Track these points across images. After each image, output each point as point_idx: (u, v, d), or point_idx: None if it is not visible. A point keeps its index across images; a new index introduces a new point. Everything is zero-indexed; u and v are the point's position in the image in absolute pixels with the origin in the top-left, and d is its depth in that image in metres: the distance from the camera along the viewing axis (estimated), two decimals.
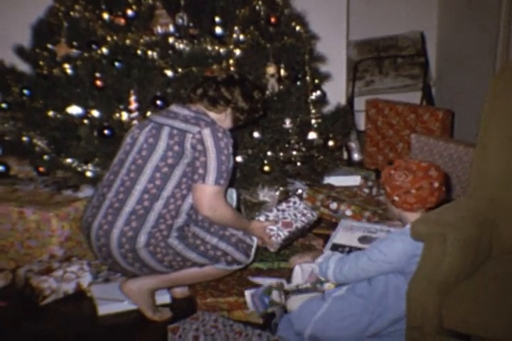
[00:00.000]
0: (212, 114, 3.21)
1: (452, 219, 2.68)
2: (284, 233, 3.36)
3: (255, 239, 3.30)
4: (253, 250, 3.26)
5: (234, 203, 3.51)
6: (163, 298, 3.46)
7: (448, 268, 2.57)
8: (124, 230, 3.00)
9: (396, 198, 2.91)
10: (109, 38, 4.01)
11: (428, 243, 2.61)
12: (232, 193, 3.53)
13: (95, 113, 4.01)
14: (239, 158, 4.00)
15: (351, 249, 3.39)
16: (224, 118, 3.24)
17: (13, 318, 3.38)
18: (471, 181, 3.11)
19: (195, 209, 3.08)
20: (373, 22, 6.49)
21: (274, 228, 3.36)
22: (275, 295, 3.14)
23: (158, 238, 3.02)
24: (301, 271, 3.21)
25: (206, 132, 3.00)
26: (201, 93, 3.25)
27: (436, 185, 2.87)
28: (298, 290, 3.11)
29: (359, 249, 3.33)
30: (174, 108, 3.23)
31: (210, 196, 3.01)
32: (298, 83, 4.36)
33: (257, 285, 3.35)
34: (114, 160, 3.25)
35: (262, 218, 3.39)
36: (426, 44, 6.61)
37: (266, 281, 3.37)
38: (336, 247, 3.43)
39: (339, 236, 3.51)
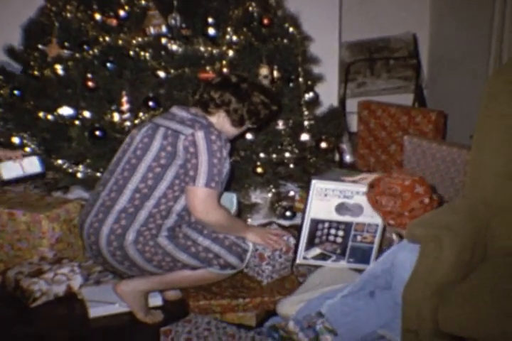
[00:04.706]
0: (210, 118, 3.19)
1: (448, 221, 2.66)
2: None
3: (251, 244, 3.27)
4: (248, 254, 3.23)
5: (234, 207, 3.49)
6: (156, 300, 3.44)
7: (443, 271, 2.56)
8: (114, 228, 3.00)
9: (391, 222, 2.90)
10: (101, 39, 4.01)
11: (423, 245, 2.60)
12: (233, 197, 3.51)
13: (87, 114, 4.00)
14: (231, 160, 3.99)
15: (331, 225, 3.34)
16: (221, 122, 3.22)
17: (3, 320, 3.35)
18: (466, 183, 3.10)
19: (189, 211, 3.07)
20: (366, 23, 6.51)
21: (285, 237, 3.42)
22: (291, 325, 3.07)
23: (147, 236, 3.01)
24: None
25: (199, 134, 2.98)
26: (196, 97, 3.26)
27: (426, 200, 2.86)
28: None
29: (339, 222, 3.32)
30: (175, 109, 3.22)
31: (201, 198, 2.99)
32: (291, 84, 4.35)
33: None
34: (113, 160, 3.26)
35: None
36: (418, 46, 6.61)
37: None
38: (315, 223, 3.35)
39: (314, 208, 3.34)
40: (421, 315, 2.58)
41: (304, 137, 4.31)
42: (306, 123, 4.32)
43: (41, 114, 4.09)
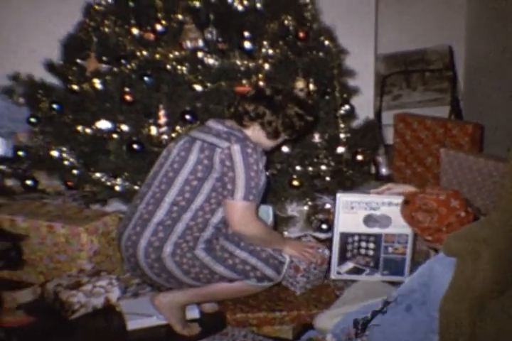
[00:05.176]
0: (246, 131, 3.21)
1: (485, 234, 2.64)
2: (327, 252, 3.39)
3: (287, 256, 3.27)
4: (285, 267, 3.23)
5: (270, 220, 3.50)
6: (193, 312, 3.43)
7: (481, 285, 2.53)
8: (151, 240, 3.02)
9: (429, 238, 2.89)
10: (138, 53, 4.04)
11: (461, 258, 2.58)
12: (269, 210, 3.52)
13: (124, 127, 4.03)
14: (268, 173, 4.00)
15: (361, 237, 3.38)
16: (256, 135, 3.22)
17: (43, 333, 3.36)
18: (503, 196, 3.06)
19: (227, 223, 3.08)
20: (401, 36, 6.48)
21: (320, 249, 3.42)
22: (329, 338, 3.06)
23: (184, 249, 3.03)
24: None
25: (235, 148, 3.00)
26: (231, 110, 3.28)
27: (462, 214, 2.85)
28: None
29: (368, 235, 3.36)
30: (211, 123, 3.24)
31: (239, 212, 3.00)
32: (326, 97, 4.34)
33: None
34: (150, 173, 3.28)
35: None
36: (454, 57, 6.58)
37: None
38: (344, 237, 3.40)
39: (342, 221, 3.40)
40: (459, 329, 2.55)
41: (340, 150, 4.31)
42: (342, 135, 4.32)
43: (80, 128, 4.13)
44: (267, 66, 4.05)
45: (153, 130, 3.98)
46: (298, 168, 4.18)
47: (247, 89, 3.87)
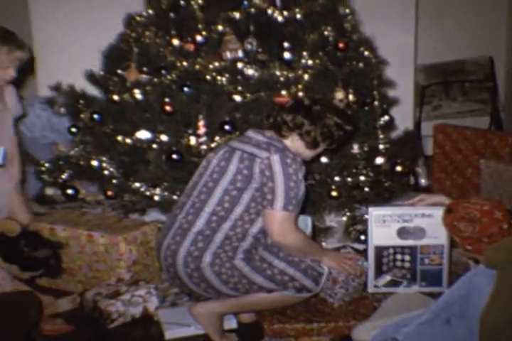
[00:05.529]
0: (285, 141, 3.20)
1: None
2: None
3: (326, 267, 3.25)
4: (323, 278, 3.21)
5: (308, 230, 3.49)
6: (230, 322, 3.43)
7: None
8: (190, 250, 3.03)
9: (469, 247, 2.86)
10: (178, 64, 4.06)
11: (502, 271, 2.55)
12: (307, 220, 3.52)
13: (164, 137, 4.05)
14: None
15: (395, 250, 3.38)
16: (295, 145, 3.22)
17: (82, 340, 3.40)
18: None
19: (266, 233, 3.08)
20: (441, 46, 6.45)
21: (359, 261, 3.42)
22: None
23: (224, 259, 3.03)
24: None
25: (275, 158, 3.00)
26: (270, 120, 3.28)
27: (505, 226, 2.82)
28: None
29: (403, 247, 3.37)
30: (250, 133, 3.25)
31: (279, 222, 3.00)
32: (366, 108, 4.32)
33: None
34: (189, 183, 3.29)
35: None
36: (495, 68, 6.53)
37: None
38: (379, 251, 3.41)
39: (376, 235, 3.42)
40: None
41: (379, 160, 4.29)
42: (381, 146, 4.30)
43: (120, 138, 4.16)
44: (306, 77, 4.04)
45: (193, 140, 4.00)
46: (337, 178, 4.17)
47: (286, 99, 3.86)
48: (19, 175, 3.81)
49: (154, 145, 4.07)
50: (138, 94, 4.11)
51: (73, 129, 4.28)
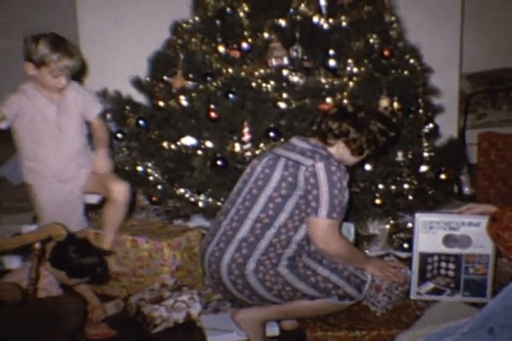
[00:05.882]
0: (329, 148, 3.20)
1: None
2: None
3: (369, 275, 3.25)
4: (366, 286, 3.20)
5: (351, 237, 3.48)
6: (272, 329, 3.43)
7: None
8: (235, 256, 3.03)
9: None
10: (224, 71, 4.08)
11: None
12: (350, 227, 3.51)
13: (209, 144, 4.08)
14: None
15: (440, 258, 3.35)
16: (340, 152, 3.22)
17: None
18: None
19: (310, 241, 3.08)
20: (487, 54, 6.40)
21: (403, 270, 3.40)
22: None
23: (268, 266, 3.03)
24: None
25: (319, 165, 3.00)
26: (314, 128, 3.28)
27: None
28: None
29: (448, 255, 3.34)
30: (294, 140, 3.25)
31: (323, 229, 3.00)
32: (410, 116, 4.31)
33: None
34: (234, 190, 3.30)
35: None
36: None
37: None
38: (424, 257, 3.38)
39: (422, 242, 3.39)
40: None
41: (423, 168, 4.28)
42: (425, 154, 4.29)
43: (165, 144, 4.20)
44: (351, 84, 4.04)
45: (237, 147, 4.01)
46: (380, 186, 4.16)
47: (331, 107, 3.87)
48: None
49: (199, 152, 4.10)
50: (183, 100, 4.15)
51: (119, 135, 4.31)
